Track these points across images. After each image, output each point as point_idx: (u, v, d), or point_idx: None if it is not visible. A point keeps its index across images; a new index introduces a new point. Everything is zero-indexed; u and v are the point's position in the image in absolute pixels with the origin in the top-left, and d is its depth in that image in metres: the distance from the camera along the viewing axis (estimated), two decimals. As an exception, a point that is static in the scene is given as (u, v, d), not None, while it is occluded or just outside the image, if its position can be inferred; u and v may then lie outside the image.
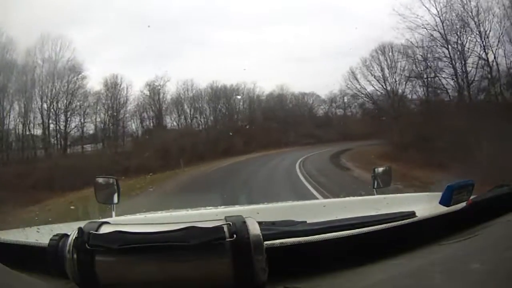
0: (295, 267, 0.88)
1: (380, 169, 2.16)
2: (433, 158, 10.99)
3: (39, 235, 1.18)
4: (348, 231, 0.97)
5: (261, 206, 1.75)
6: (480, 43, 12.73)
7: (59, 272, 0.74)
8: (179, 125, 20.49)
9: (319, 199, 4.78)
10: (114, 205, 1.92)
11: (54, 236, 0.79)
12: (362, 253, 0.92)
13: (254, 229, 0.73)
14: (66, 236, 0.76)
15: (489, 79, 12.69)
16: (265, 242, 0.73)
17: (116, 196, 1.95)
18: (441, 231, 1.03)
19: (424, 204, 1.37)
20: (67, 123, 16.66)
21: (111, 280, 0.71)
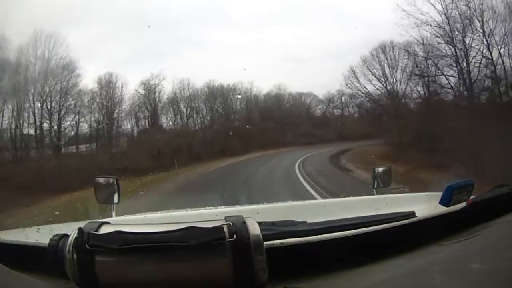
0: (295, 267, 0.88)
1: (380, 169, 2.16)
2: (434, 158, 10.86)
3: (39, 235, 1.18)
4: (348, 231, 0.97)
5: (261, 206, 1.75)
6: (484, 42, 12.55)
7: (59, 272, 0.74)
8: (175, 124, 20.15)
9: (319, 199, 4.77)
10: (114, 205, 1.92)
11: (54, 236, 0.79)
12: (362, 253, 0.92)
13: (254, 229, 0.73)
14: (66, 236, 0.76)
15: (492, 78, 12.57)
16: (265, 242, 0.73)
17: (116, 196, 1.94)
18: (441, 231, 1.03)
19: (424, 204, 1.38)
20: (60, 122, 16.15)
21: (111, 280, 0.71)
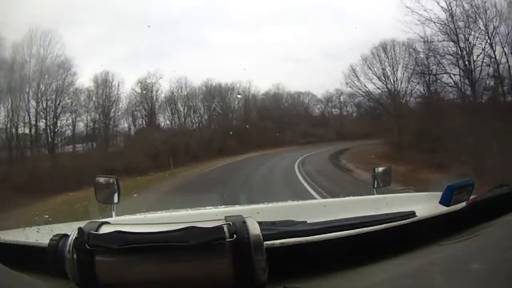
0: (295, 267, 0.88)
1: (380, 168, 2.16)
2: (435, 158, 10.74)
3: (39, 235, 1.18)
4: (348, 231, 0.97)
5: (261, 206, 1.75)
6: (487, 40, 12.43)
7: (59, 272, 0.74)
8: (173, 124, 19.89)
9: (319, 199, 4.77)
10: (114, 205, 1.92)
11: (54, 236, 0.79)
12: (362, 253, 0.91)
13: (254, 229, 0.73)
14: (66, 236, 0.76)
15: (495, 77, 12.45)
16: (265, 242, 0.73)
17: (116, 195, 1.94)
18: (441, 231, 1.03)
19: (424, 204, 1.38)
20: (56, 121, 15.73)
21: (111, 280, 0.71)
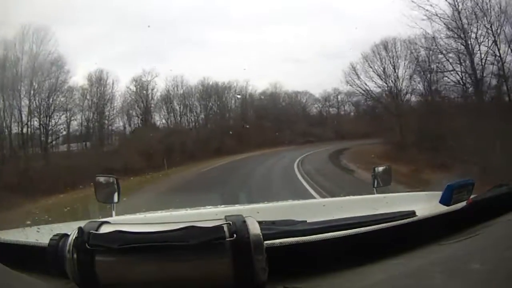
0: (295, 266, 0.88)
1: (380, 168, 2.16)
2: (438, 158, 10.58)
3: (39, 235, 1.18)
4: (348, 231, 0.97)
5: (261, 205, 1.75)
6: (492, 37, 12.26)
7: (59, 272, 0.74)
8: (169, 123, 19.56)
9: (319, 199, 4.77)
10: (114, 204, 1.92)
11: (54, 236, 0.79)
12: (362, 252, 0.91)
13: (254, 228, 0.73)
14: (66, 236, 0.76)
15: (500, 75, 12.29)
16: (265, 242, 0.73)
17: (116, 195, 1.95)
18: (441, 231, 1.03)
19: (424, 204, 1.38)
20: (49, 120, 15.26)
21: (111, 280, 0.71)
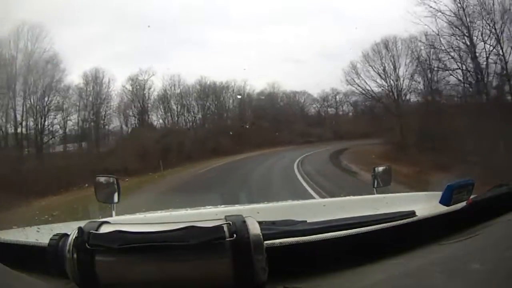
0: (295, 266, 0.88)
1: (380, 168, 2.16)
2: (440, 159, 10.37)
3: (39, 235, 1.18)
4: (348, 231, 0.97)
5: (261, 205, 1.75)
6: (495, 37, 12.17)
7: (59, 272, 0.74)
8: (166, 123, 19.32)
9: (319, 199, 4.77)
10: (114, 204, 1.92)
11: (54, 236, 0.79)
12: (362, 252, 0.91)
13: (254, 228, 0.73)
14: (66, 236, 0.76)
15: (503, 75, 12.15)
16: (265, 242, 0.73)
17: (116, 195, 1.95)
18: (441, 231, 1.03)
19: (424, 204, 1.37)
20: (44, 120, 14.92)
21: (111, 280, 0.71)
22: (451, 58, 13.23)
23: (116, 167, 13.05)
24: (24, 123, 14.55)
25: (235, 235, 0.71)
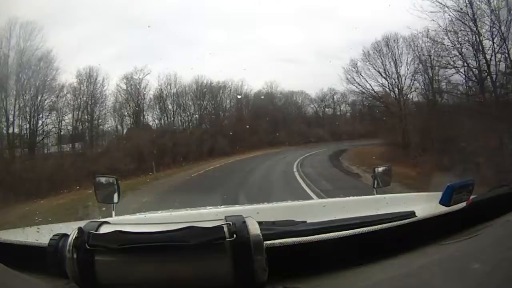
0: (295, 267, 0.88)
1: (380, 168, 2.16)
2: (445, 160, 10.07)
3: (39, 235, 1.18)
4: (348, 231, 0.97)
5: (261, 206, 1.75)
6: (500, 35, 12.04)
7: (59, 272, 0.74)
8: (162, 123, 18.86)
9: (319, 199, 4.76)
10: (114, 204, 1.92)
11: (54, 236, 0.79)
12: (362, 253, 0.92)
13: (254, 229, 0.73)
14: (66, 236, 0.76)
15: (508, 73, 12.05)
16: (265, 242, 0.73)
17: (116, 195, 1.95)
18: (441, 231, 1.03)
19: (424, 204, 1.37)
20: (36, 119, 14.40)
21: (111, 280, 0.71)
22: (455, 56, 13.01)
23: (106, 169, 12.37)
24: (16, 122, 14.09)
25: (235, 236, 0.71)
